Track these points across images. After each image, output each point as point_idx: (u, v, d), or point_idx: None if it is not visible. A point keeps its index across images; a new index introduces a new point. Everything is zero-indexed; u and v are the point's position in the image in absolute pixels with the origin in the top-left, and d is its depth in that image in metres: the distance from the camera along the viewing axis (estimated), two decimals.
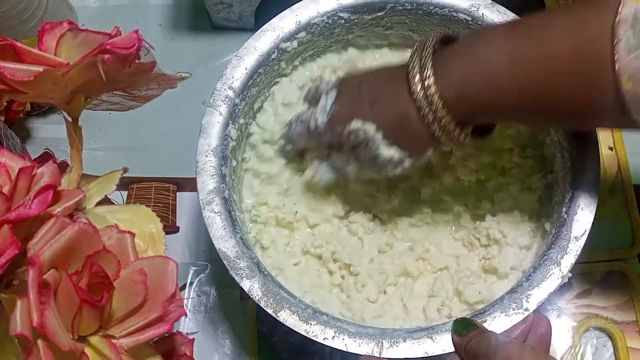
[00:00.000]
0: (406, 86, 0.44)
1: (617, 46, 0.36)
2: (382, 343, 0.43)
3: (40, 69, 0.37)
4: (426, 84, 0.43)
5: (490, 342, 0.39)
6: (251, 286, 0.45)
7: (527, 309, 0.43)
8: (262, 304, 0.44)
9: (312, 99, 0.51)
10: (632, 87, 0.36)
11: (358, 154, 0.48)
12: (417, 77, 0.43)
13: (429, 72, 0.43)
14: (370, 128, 0.45)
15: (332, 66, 0.56)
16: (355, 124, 0.46)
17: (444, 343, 0.43)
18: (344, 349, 0.43)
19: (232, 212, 0.47)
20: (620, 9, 0.36)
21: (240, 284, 0.45)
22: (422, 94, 0.43)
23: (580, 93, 0.39)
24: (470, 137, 0.44)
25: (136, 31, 0.40)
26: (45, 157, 0.57)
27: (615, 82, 0.37)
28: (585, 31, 0.38)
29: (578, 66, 0.38)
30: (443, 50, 0.44)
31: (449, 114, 0.43)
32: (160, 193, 0.62)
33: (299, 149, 0.53)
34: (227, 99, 0.50)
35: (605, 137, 0.62)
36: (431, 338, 0.43)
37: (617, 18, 0.36)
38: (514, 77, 0.41)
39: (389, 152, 0.46)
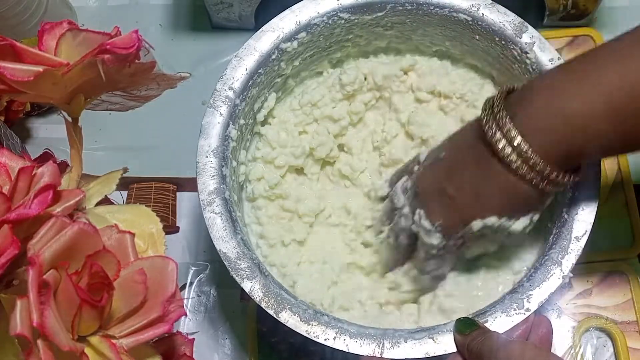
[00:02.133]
0: (490, 154, 0.41)
1: None
2: (383, 343, 0.43)
3: (40, 69, 0.37)
4: (514, 143, 0.40)
5: (493, 341, 0.39)
6: (252, 287, 0.44)
7: (528, 309, 0.43)
8: (263, 305, 0.44)
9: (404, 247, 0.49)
10: None
11: (488, 239, 0.46)
12: (501, 139, 0.40)
13: (511, 132, 0.40)
14: (491, 220, 0.43)
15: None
16: (476, 224, 0.44)
17: (445, 343, 0.43)
18: (345, 350, 0.43)
19: (233, 213, 0.47)
20: None
21: (241, 285, 0.45)
22: (514, 156, 0.40)
23: None
24: (570, 175, 0.42)
25: (136, 31, 0.40)
26: (45, 157, 0.57)
27: None
28: None
29: None
30: (513, 105, 0.41)
31: (548, 166, 0.40)
32: (160, 193, 0.62)
33: (446, 270, 0.50)
34: (227, 100, 0.50)
35: None
36: (432, 338, 0.43)
37: None
38: (611, 124, 0.38)
39: (520, 224, 0.44)
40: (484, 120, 0.42)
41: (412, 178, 0.48)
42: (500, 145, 0.40)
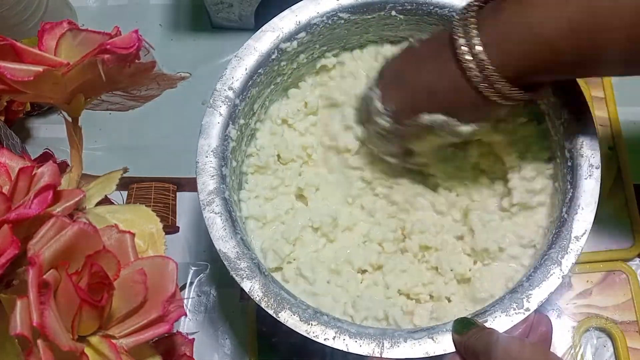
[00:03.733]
0: (453, 57, 0.43)
1: None
2: (382, 343, 0.43)
3: (40, 69, 0.37)
4: (474, 50, 0.41)
5: (490, 338, 0.39)
6: (252, 287, 0.45)
7: (527, 309, 0.43)
8: (262, 305, 0.44)
9: (365, 111, 0.50)
10: None
11: (435, 132, 0.47)
12: (464, 45, 0.42)
13: (475, 40, 0.41)
14: (438, 117, 0.45)
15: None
16: (424, 117, 0.45)
17: (445, 343, 0.43)
18: (345, 350, 0.43)
19: (233, 213, 0.47)
20: None
21: (241, 285, 0.45)
22: (472, 63, 0.42)
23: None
24: (523, 93, 0.43)
25: (136, 31, 0.40)
26: (45, 157, 0.57)
27: None
28: None
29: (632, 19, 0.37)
30: (486, 14, 0.43)
31: (503, 79, 0.42)
32: (160, 193, 0.62)
33: (397, 151, 0.52)
34: (227, 100, 0.50)
35: (605, 137, 0.62)
36: (432, 338, 0.43)
37: None
38: (574, 45, 0.39)
39: (466, 129, 0.45)
40: (455, 23, 0.43)
41: (384, 62, 0.50)
42: (462, 51, 0.42)
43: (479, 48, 0.41)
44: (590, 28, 0.39)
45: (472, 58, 0.42)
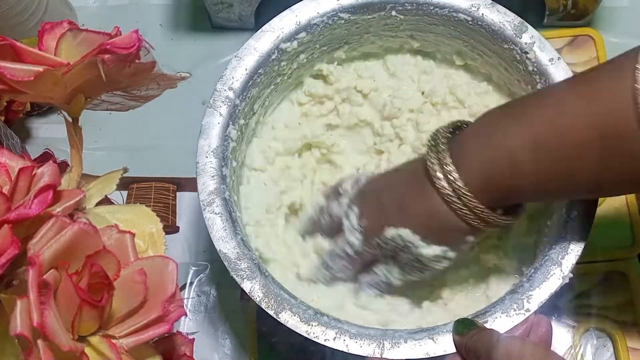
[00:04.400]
0: (429, 183, 0.43)
1: None
2: (383, 344, 0.43)
3: (40, 69, 0.37)
4: (450, 177, 0.42)
5: (490, 338, 0.39)
6: (252, 287, 0.44)
7: (528, 310, 0.43)
8: (263, 305, 0.44)
9: (331, 227, 0.50)
10: None
11: (400, 261, 0.47)
12: (439, 172, 0.43)
13: (449, 166, 0.42)
14: (405, 232, 0.45)
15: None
16: (390, 231, 0.45)
17: (445, 344, 0.43)
18: (345, 350, 0.43)
19: (233, 213, 0.47)
20: (637, 72, 0.35)
21: (241, 285, 0.45)
22: (448, 188, 0.42)
23: (609, 167, 0.38)
24: (504, 216, 0.43)
25: (136, 31, 0.40)
26: (45, 157, 0.57)
27: None
28: (605, 103, 0.37)
29: (602, 141, 0.37)
30: (457, 140, 0.44)
31: (480, 202, 0.42)
32: (160, 193, 0.62)
33: (353, 274, 0.51)
34: (227, 100, 0.50)
35: None
36: (432, 339, 0.43)
37: (637, 82, 0.35)
38: (536, 163, 0.40)
39: (430, 250, 0.45)
40: (427, 152, 0.44)
41: (367, 178, 0.51)
42: (436, 174, 0.43)
43: (449, 168, 0.42)
44: (550, 147, 0.39)
45: (444, 178, 0.42)
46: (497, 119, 0.43)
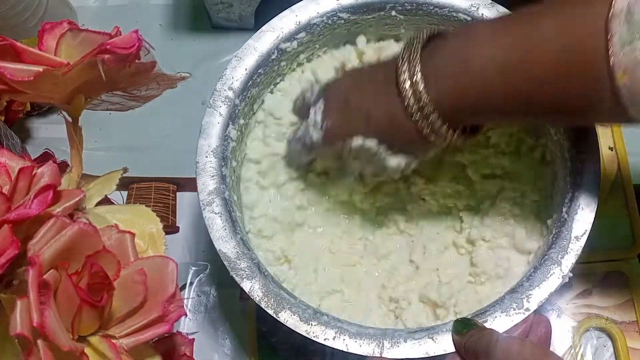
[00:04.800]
0: (395, 87, 0.43)
1: (611, 40, 0.35)
2: (383, 343, 0.43)
3: (40, 69, 0.37)
4: (414, 80, 0.42)
5: (490, 338, 0.39)
6: (252, 287, 0.45)
7: (527, 309, 0.43)
8: (262, 305, 0.44)
9: (300, 110, 0.50)
10: (628, 81, 0.35)
11: (364, 163, 0.47)
12: (406, 75, 0.42)
13: (416, 70, 0.42)
14: (371, 143, 0.45)
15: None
16: (357, 141, 0.45)
17: (445, 343, 0.43)
18: (345, 350, 0.43)
19: (233, 213, 0.47)
20: (613, 2, 0.35)
21: (241, 285, 0.45)
22: (410, 92, 0.42)
23: (574, 93, 0.39)
24: (459, 135, 0.44)
25: (136, 31, 0.40)
26: (45, 157, 0.57)
27: (610, 78, 0.36)
28: (576, 29, 0.37)
29: (570, 67, 0.38)
30: (432, 48, 0.43)
31: (437, 112, 0.42)
32: (160, 193, 0.62)
33: (305, 162, 0.52)
34: (227, 100, 0.50)
35: (605, 137, 0.62)
36: (432, 338, 0.43)
37: (611, 12, 0.35)
38: (503, 83, 0.40)
39: (395, 160, 0.45)
40: (402, 54, 0.43)
41: (334, 76, 0.50)
42: (404, 84, 0.42)
43: (418, 78, 0.42)
44: (518, 66, 0.39)
45: (411, 87, 0.42)
46: (473, 37, 0.42)
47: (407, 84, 0.42)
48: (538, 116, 0.43)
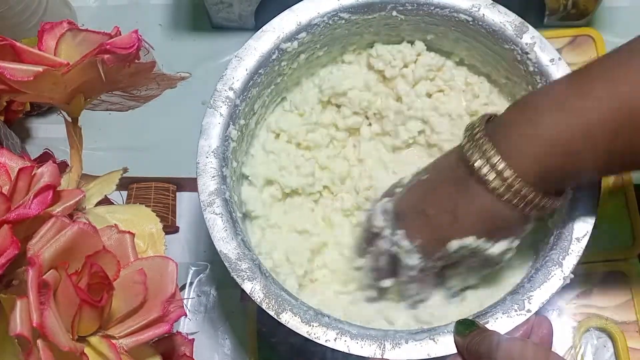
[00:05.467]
0: (474, 181, 0.42)
1: None
2: (384, 345, 0.43)
3: (40, 69, 0.37)
4: (500, 171, 0.41)
5: (492, 340, 0.39)
6: (252, 288, 0.44)
7: (529, 310, 0.43)
8: (263, 306, 0.44)
9: (390, 265, 0.48)
10: None
11: (467, 263, 0.46)
12: (485, 167, 0.41)
13: (496, 159, 0.41)
14: (469, 240, 0.44)
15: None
16: (453, 244, 0.44)
17: (446, 344, 0.43)
18: (346, 351, 0.43)
19: (233, 214, 0.47)
20: None
21: (242, 286, 0.45)
22: (498, 183, 0.41)
23: None
24: (555, 198, 0.43)
25: (136, 31, 0.40)
26: (45, 157, 0.57)
27: None
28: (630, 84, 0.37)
29: None
30: (495, 133, 0.42)
31: (527, 185, 0.41)
32: (160, 193, 0.61)
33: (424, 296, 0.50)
34: (227, 100, 0.50)
35: None
36: (433, 339, 0.43)
37: None
38: (591, 149, 0.39)
39: (497, 247, 0.45)
40: (466, 145, 0.43)
41: (393, 199, 0.48)
42: (478, 164, 0.41)
43: (502, 165, 0.41)
44: (604, 128, 0.38)
45: (496, 176, 0.41)
46: (539, 109, 0.41)
47: (486, 168, 0.41)
48: (629, 167, 0.44)
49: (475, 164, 0.42)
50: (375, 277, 0.50)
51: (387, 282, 0.49)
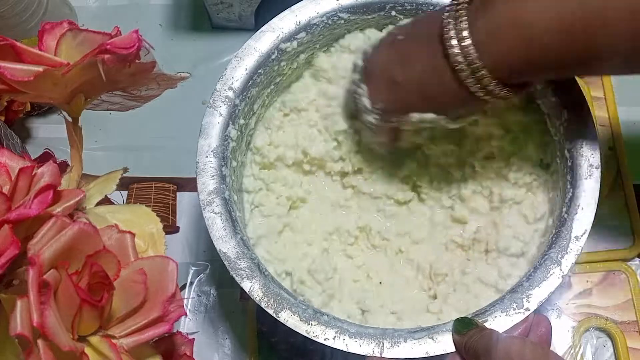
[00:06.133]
0: (441, 52, 0.42)
1: None
2: (382, 343, 0.43)
3: (40, 69, 0.37)
4: (463, 43, 0.41)
5: (490, 338, 0.39)
6: (252, 287, 0.45)
7: (527, 309, 0.43)
8: (262, 305, 0.44)
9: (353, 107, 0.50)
10: None
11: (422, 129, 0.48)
12: (453, 35, 0.41)
13: (464, 30, 0.41)
14: (430, 117, 0.45)
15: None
16: (415, 117, 0.45)
17: (445, 343, 0.43)
18: (345, 349, 0.43)
19: (233, 213, 0.47)
20: None
21: (241, 285, 0.45)
22: (460, 56, 0.41)
23: (635, 45, 0.38)
24: (507, 90, 0.43)
25: (136, 31, 0.40)
26: (45, 157, 0.57)
27: None
28: None
29: (633, 20, 0.37)
30: (475, 6, 0.41)
31: (489, 73, 0.41)
32: (160, 193, 0.62)
33: (388, 138, 0.51)
34: (227, 100, 0.50)
35: (605, 137, 0.62)
36: (432, 338, 0.43)
37: None
38: (560, 37, 0.39)
39: (457, 124, 0.46)
40: (446, 15, 0.42)
41: (367, 53, 0.49)
42: (451, 43, 0.41)
43: (468, 43, 0.41)
44: (582, 23, 0.38)
45: (461, 53, 0.41)
46: None
47: (456, 48, 0.41)
48: (594, 67, 0.42)
49: (446, 36, 0.41)
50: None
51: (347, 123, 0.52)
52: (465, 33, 0.41)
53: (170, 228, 0.61)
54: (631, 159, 0.62)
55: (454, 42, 0.41)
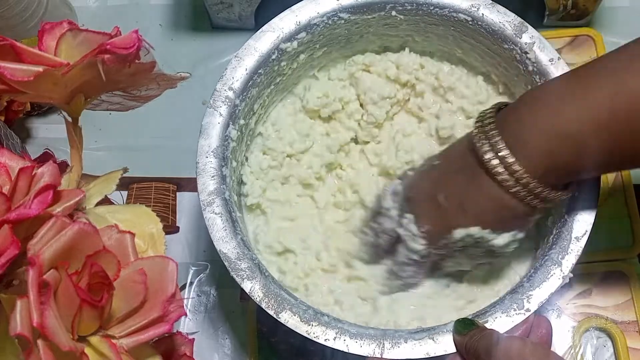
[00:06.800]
0: (483, 172, 0.42)
1: None
2: (383, 344, 0.43)
3: (40, 69, 0.37)
4: (508, 163, 0.41)
5: (491, 338, 0.39)
6: (252, 287, 0.45)
7: (528, 310, 0.43)
8: (263, 305, 0.44)
9: (388, 245, 0.49)
10: None
11: (468, 252, 0.47)
12: (494, 159, 0.41)
13: (504, 151, 0.41)
14: (474, 230, 0.44)
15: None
16: (458, 233, 0.44)
17: (446, 344, 0.43)
18: (345, 350, 0.43)
19: (233, 213, 0.47)
20: None
21: (241, 285, 0.45)
22: (506, 175, 0.41)
23: None
24: (561, 192, 0.43)
25: (136, 31, 0.40)
26: (45, 157, 0.57)
27: None
28: None
29: None
30: (505, 123, 0.42)
31: (541, 185, 0.41)
32: (160, 193, 0.62)
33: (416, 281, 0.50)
34: (227, 100, 0.50)
35: None
36: (432, 339, 0.43)
37: None
38: (600, 143, 0.39)
39: (501, 239, 0.45)
40: (475, 132, 0.43)
41: (404, 182, 0.49)
42: (488, 157, 0.42)
43: (505, 152, 0.41)
44: (617, 124, 0.38)
45: (499, 162, 0.41)
46: (549, 100, 0.41)
47: (495, 161, 0.41)
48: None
49: (484, 157, 0.42)
50: (372, 252, 0.51)
51: (385, 262, 0.50)
52: (499, 143, 0.41)
53: (170, 228, 0.61)
54: None
55: (489, 153, 0.41)
